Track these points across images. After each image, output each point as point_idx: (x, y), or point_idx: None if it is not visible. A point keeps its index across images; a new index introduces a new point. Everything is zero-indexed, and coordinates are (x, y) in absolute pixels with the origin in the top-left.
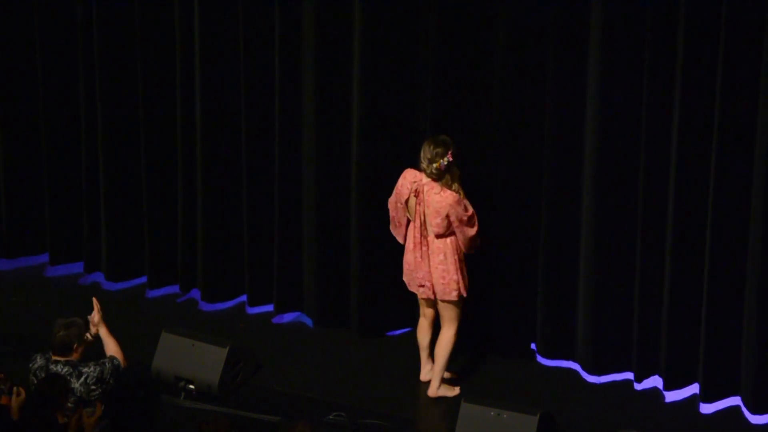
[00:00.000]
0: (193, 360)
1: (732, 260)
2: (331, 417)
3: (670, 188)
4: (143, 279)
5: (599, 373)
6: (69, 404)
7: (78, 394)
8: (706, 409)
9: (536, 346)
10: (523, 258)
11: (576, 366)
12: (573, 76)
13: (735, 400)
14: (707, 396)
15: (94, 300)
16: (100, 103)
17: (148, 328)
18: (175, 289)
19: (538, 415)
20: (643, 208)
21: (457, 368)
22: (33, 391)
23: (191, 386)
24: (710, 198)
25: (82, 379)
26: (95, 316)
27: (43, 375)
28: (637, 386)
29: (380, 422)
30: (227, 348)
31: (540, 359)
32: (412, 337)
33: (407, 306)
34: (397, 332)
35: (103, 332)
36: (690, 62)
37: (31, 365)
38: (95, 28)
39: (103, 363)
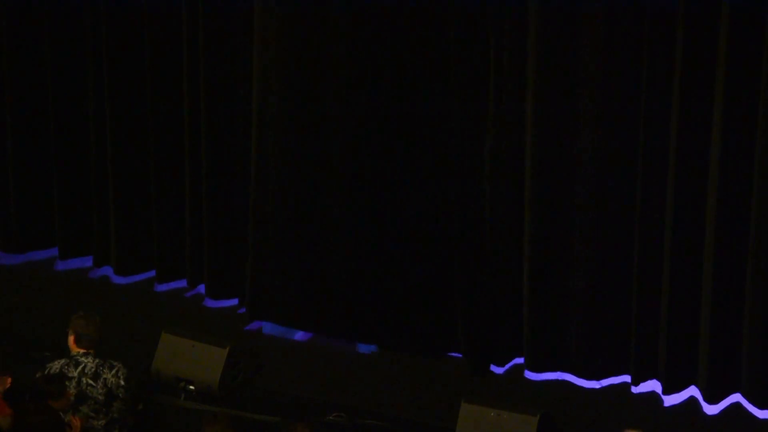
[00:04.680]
0: (194, 360)
1: (732, 259)
2: (331, 417)
3: (669, 187)
4: (152, 273)
5: (596, 378)
6: (99, 397)
7: (108, 386)
8: (710, 410)
9: (526, 358)
10: (518, 260)
11: (570, 377)
12: (569, 73)
13: (736, 398)
14: (710, 396)
15: None
16: (108, 99)
17: (154, 323)
18: (183, 283)
19: (539, 416)
20: (641, 208)
21: (456, 372)
22: (31, 387)
23: (191, 387)
24: (709, 197)
25: (114, 371)
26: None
27: (71, 370)
28: (634, 389)
29: (380, 422)
30: (227, 348)
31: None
32: None
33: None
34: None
35: None
36: (689, 60)
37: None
38: (104, 26)
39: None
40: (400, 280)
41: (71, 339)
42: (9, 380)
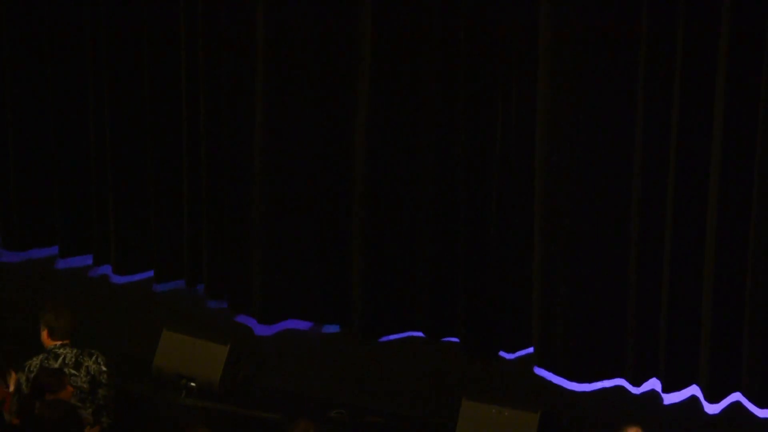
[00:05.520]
0: (195, 358)
1: (732, 259)
2: (332, 414)
3: (669, 187)
4: (151, 273)
5: (596, 377)
6: (84, 385)
7: (92, 373)
8: (711, 408)
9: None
10: (514, 258)
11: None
12: (573, 73)
13: (737, 397)
14: (710, 395)
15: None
16: (108, 99)
17: (153, 322)
18: (181, 283)
19: (540, 413)
20: (642, 208)
21: (454, 371)
22: (33, 382)
23: (192, 384)
24: (709, 197)
25: (93, 357)
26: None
27: (51, 364)
28: (635, 388)
29: (381, 419)
30: (228, 346)
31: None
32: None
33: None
34: (397, 336)
35: None
36: (689, 60)
37: (27, 369)
38: (104, 26)
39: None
40: (406, 273)
41: (44, 334)
42: (14, 374)
